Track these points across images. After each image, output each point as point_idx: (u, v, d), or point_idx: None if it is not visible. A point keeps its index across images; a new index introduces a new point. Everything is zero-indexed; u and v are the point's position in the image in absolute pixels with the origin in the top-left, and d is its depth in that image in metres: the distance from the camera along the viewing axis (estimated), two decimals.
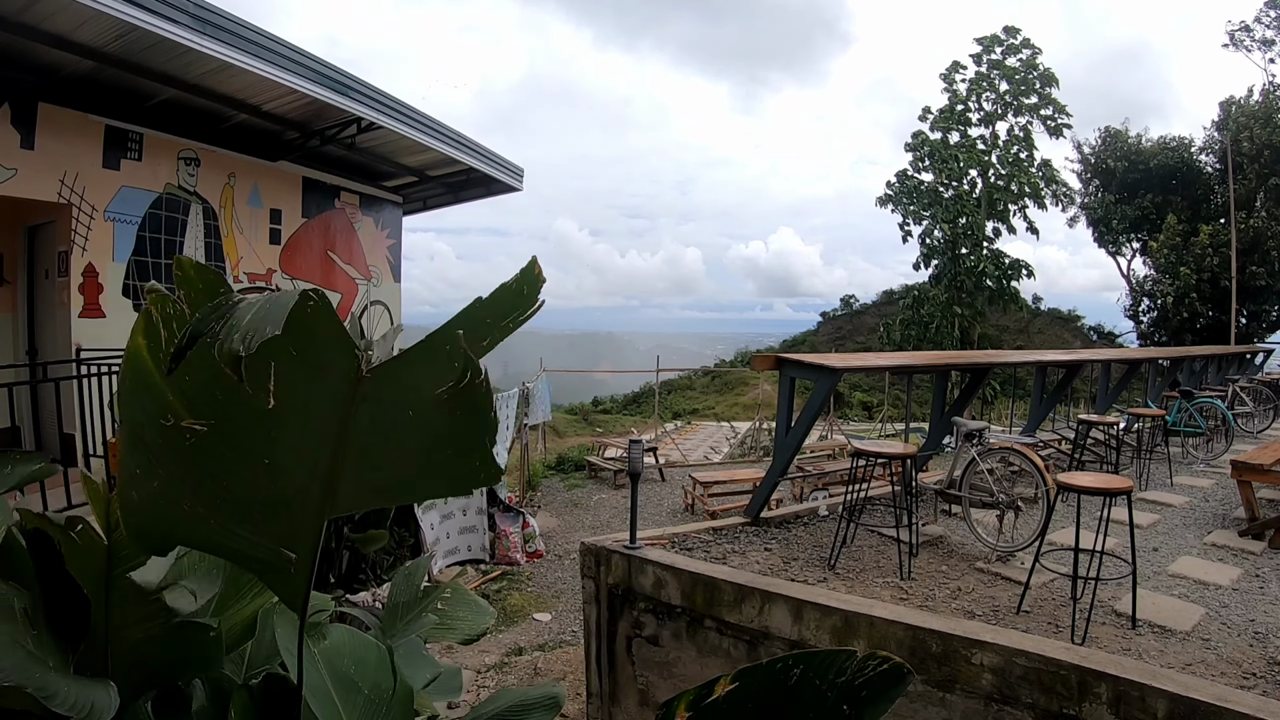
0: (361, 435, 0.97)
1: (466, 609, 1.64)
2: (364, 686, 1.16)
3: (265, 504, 1.03)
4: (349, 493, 1.04)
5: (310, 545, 1.07)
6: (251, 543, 1.05)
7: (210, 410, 0.94)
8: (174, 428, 0.95)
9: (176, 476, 1.00)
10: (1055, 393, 8.11)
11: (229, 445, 0.97)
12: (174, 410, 0.95)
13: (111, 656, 1.21)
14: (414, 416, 0.97)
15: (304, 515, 1.04)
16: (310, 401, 0.95)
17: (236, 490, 1.02)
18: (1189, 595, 4.02)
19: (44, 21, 5.32)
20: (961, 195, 23.70)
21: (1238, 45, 22.84)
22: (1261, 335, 21.68)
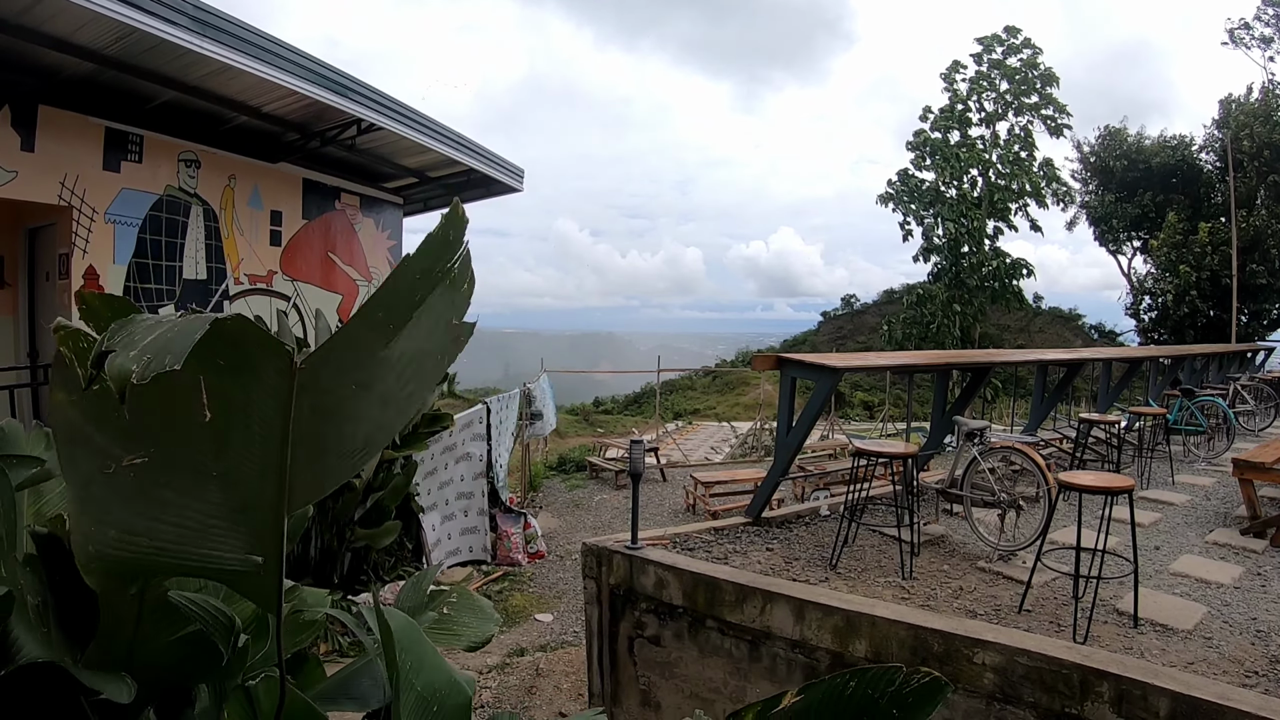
0: (304, 425, 0.97)
1: (472, 614, 1.64)
2: (418, 684, 1.16)
3: (222, 515, 1.02)
4: (302, 485, 1.04)
5: (275, 546, 1.06)
6: (216, 557, 1.04)
7: (147, 440, 0.93)
8: (116, 472, 0.93)
9: (129, 519, 0.99)
10: (1056, 392, 8.10)
11: (175, 469, 0.96)
12: (111, 454, 0.93)
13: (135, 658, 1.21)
14: (356, 390, 0.98)
15: (263, 518, 1.04)
16: (249, 406, 0.94)
17: (191, 512, 1.01)
18: (1191, 594, 4.02)
19: (44, 24, 5.33)
20: (963, 194, 23.70)
21: (1237, 43, 22.83)
22: (1262, 333, 21.65)
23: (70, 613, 1.22)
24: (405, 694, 1.13)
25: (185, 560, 1.05)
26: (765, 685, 3.67)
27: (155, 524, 1.00)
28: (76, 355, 0.90)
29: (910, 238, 24.78)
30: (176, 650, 1.25)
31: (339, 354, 0.96)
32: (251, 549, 1.05)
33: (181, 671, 1.28)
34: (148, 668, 1.22)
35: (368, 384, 0.99)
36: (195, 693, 1.31)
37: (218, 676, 1.28)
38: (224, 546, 1.04)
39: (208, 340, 0.81)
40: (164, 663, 1.25)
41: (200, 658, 1.26)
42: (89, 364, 0.84)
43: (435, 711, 1.15)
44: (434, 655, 1.21)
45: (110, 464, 0.94)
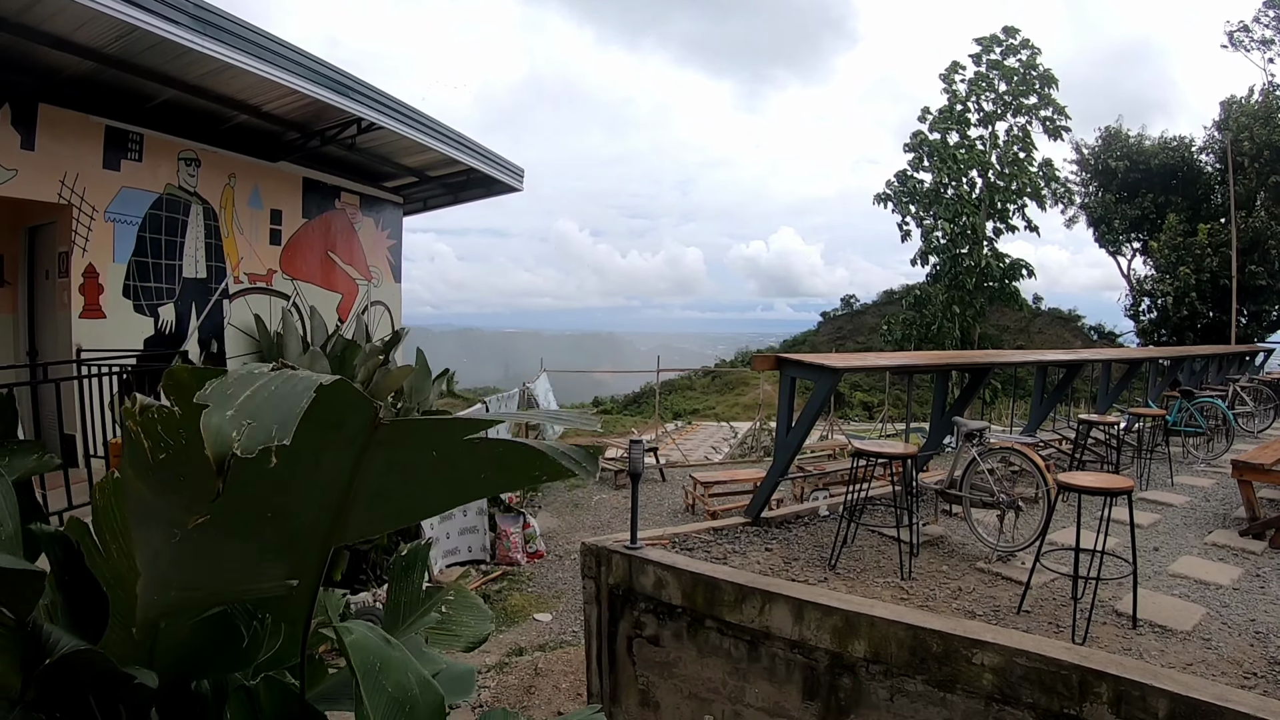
0: (377, 477, 0.97)
1: (469, 613, 1.64)
2: (387, 684, 1.17)
3: (272, 550, 1.02)
4: (359, 523, 1.04)
5: (315, 571, 1.07)
6: (260, 588, 1.06)
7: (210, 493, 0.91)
8: (181, 540, 0.93)
9: (192, 579, 1.00)
10: (1056, 392, 8.11)
11: (235, 521, 0.95)
12: (177, 521, 0.92)
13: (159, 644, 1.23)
14: (438, 458, 0.98)
15: (310, 548, 1.04)
16: (321, 454, 0.93)
17: (244, 551, 1.01)
18: (1190, 595, 4.02)
19: (44, 23, 5.33)
20: (962, 195, 23.68)
21: (1236, 45, 22.84)
22: (1262, 335, 21.66)
23: (79, 611, 1.23)
24: (375, 696, 1.14)
25: (232, 595, 1.08)
26: (764, 685, 3.67)
27: (213, 575, 1.02)
28: (145, 428, 0.87)
29: (909, 239, 24.79)
30: (199, 635, 1.26)
31: (427, 429, 0.97)
32: (292, 574, 1.05)
33: (201, 659, 1.30)
34: (169, 654, 1.23)
35: (450, 461, 0.99)
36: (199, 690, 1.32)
37: (239, 662, 1.29)
38: (268, 578, 1.04)
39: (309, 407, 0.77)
40: (184, 651, 1.26)
41: (220, 644, 1.28)
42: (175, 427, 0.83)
43: (409, 710, 1.16)
44: (401, 654, 1.22)
45: (176, 532, 0.92)
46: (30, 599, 1.08)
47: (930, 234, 24.15)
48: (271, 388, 0.76)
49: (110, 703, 1.19)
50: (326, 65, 6.99)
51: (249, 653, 1.29)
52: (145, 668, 1.19)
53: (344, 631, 1.19)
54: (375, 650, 1.20)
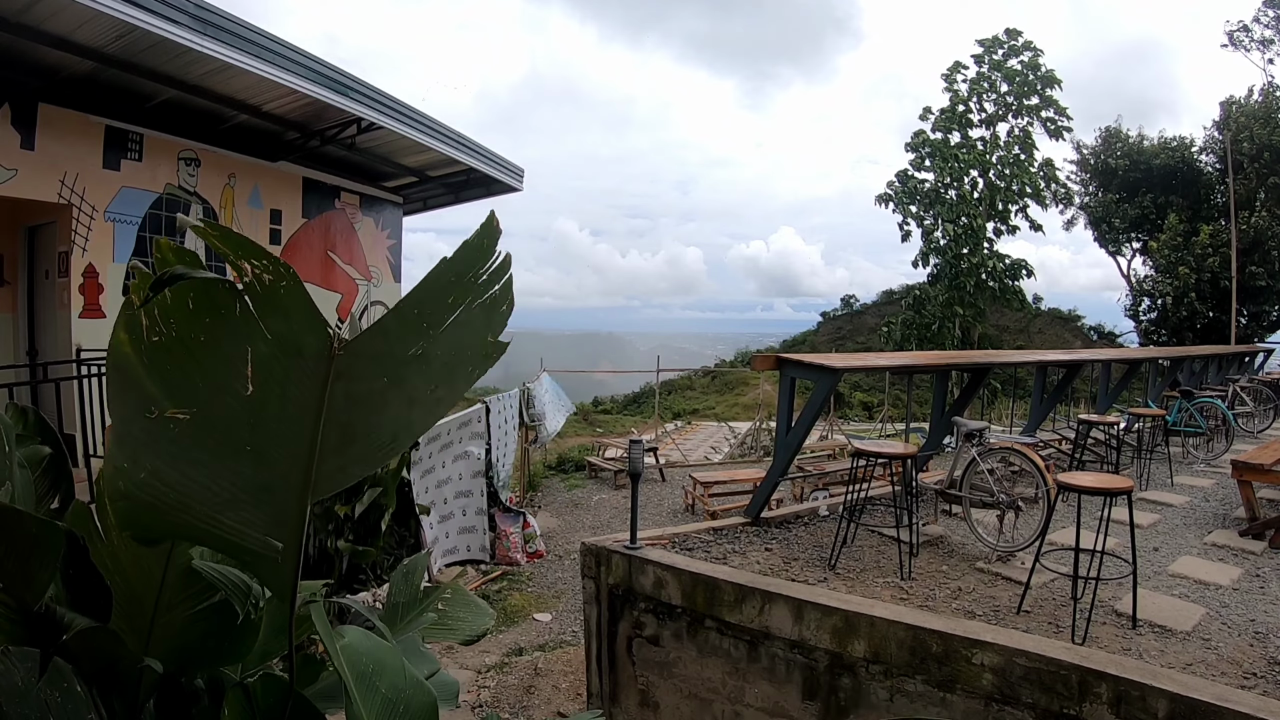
0: (337, 410, 0.99)
1: (466, 610, 1.65)
2: (381, 686, 1.17)
3: (248, 491, 1.04)
4: (327, 473, 1.06)
5: (295, 533, 1.08)
6: (237, 531, 1.07)
7: (192, 399, 0.96)
8: (158, 419, 0.96)
9: (162, 468, 1.02)
10: (1055, 393, 8.11)
11: (212, 434, 0.99)
12: (157, 402, 0.96)
13: (154, 636, 1.24)
14: (387, 384, 1.00)
15: (287, 501, 1.06)
16: (287, 385, 0.96)
17: (220, 479, 1.03)
18: (1189, 595, 4.02)
19: (44, 22, 5.32)
20: (963, 195, 23.69)
21: (1236, 45, 22.85)
22: (1261, 335, 21.66)
23: (83, 604, 1.24)
24: (370, 697, 1.15)
25: (209, 527, 1.07)
26: (764, 685, 3.67)
27: (185, 478, 1.03)
28: (146, 310, 0.94)
29: (909, 239, 24.80)
30: (195, 626, 1.27)
31: (374, 345, 0.98)
32: (271, 532, 1.07)
33: (201, 646, 1.31)
34: (166, 644, 1.24)
35: (399, 380, 1.02)
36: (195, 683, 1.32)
37: (233, 654, 1.30)
38: (247, 523, 1.06)
39: (260, 298, 0.87)
40: (184, 638, 1.27)
41: (219, 632, 1.29)
42: (161, 275, 0.92)
43: (402, 711, 1.17)
44: (394, 657, 1.23)
45: (154, 409, 0.96)
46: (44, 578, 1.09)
47: (931, 234, 24.17)
48: None
49: (110, 696, 1.19)
50: (326, 65, 6.99)
51: (244, 641, 1.29)
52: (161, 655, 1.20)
53: (335, 636, 1.19)
54: (369, 653, 1.21)
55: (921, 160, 24.51)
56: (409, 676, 1.21)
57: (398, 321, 0.98)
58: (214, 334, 0.94)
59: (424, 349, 0.99)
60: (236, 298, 0.93)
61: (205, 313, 0.94)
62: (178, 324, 0.93)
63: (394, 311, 0.97)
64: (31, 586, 1.08)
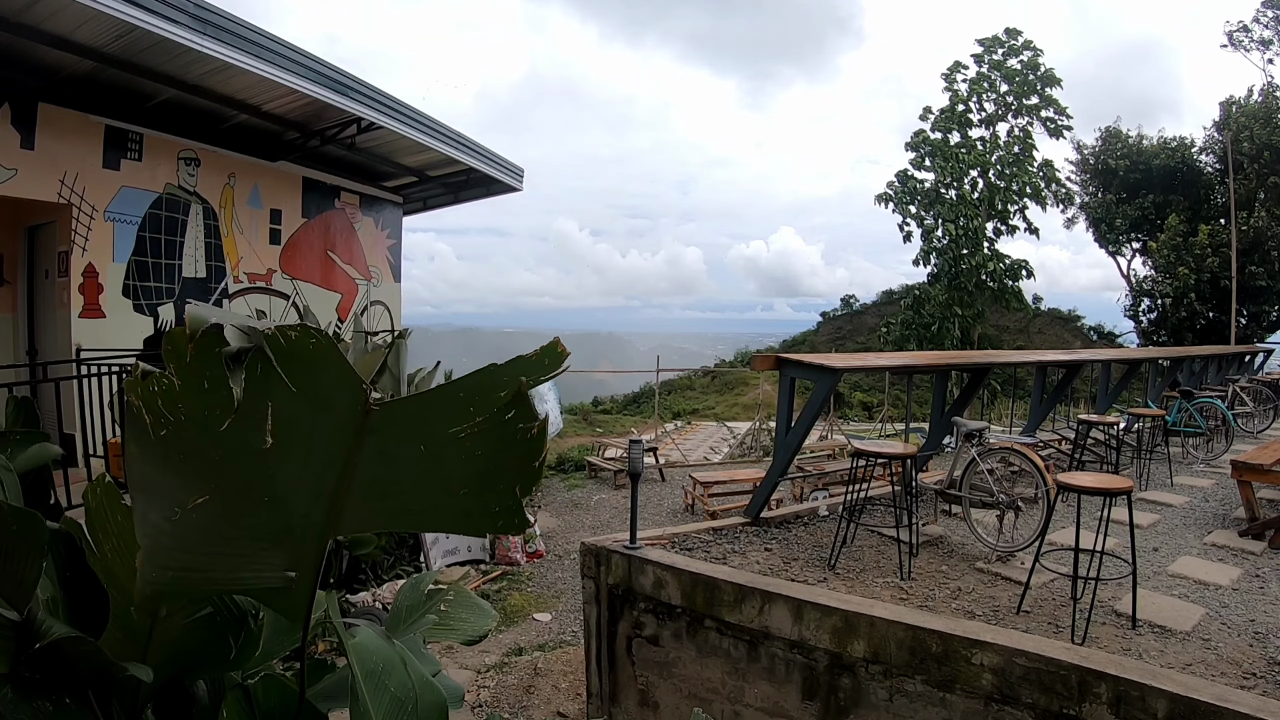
0: (369, 466, 0.97)
1: (469, 611, 1.65)
2: (390, 685, 1.17)
3: (267, 537, 1.03)
4: (355, 516, 1.04)
5: (312, 565, 1.07)
6: (257, 578, 1.06)
7: (211, 473, 0.94)
8: (181, 518, 0.95)
9: (190, 560, 1.01)
10: (1055, 393, 8.11)
11: (231, 498, 0.97)
12: (177, 500, 0.94)
13: (153, 644, 1.23)
14: (426, 452, 0.96)
15: (306, 540, 1.04)
16: (313, 436, 0.94)
17: (240, 537, 1.02)
18: (1189, 595, 4.02)
19: (44, 22, 5.32)
20: (963, 195, 23.68)
21: (1236, 46, 22.84)
22: (1261, 335, 21.66)
23: (80, 607, 1.23)
24: (379, 696, 1.14)
25: (229, 584, 1.08)
26: (763, 685, 3.67)
27: (210, 558, 1.02)
28: (146, 402, 0.89)
29: (910, 239, 24.79)
30: (191, 635, 1.27)
31: (412, 409, 0.95)
32: (289, 567, 1.05)
33: (197, 657, 1.30)
34: (164, 651, 1.24)
35: (436, 455, 0.97)
36: (194, 688, 1.32)
37: (230, 663, 1.30)
38: (266, 567, 1.05)
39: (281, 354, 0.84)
40: (183, 645, 1.27)
41: (214, 643, 1.28)
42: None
43: (410, 711, 1.17)
44: (405, 655, 1.23)
45: (177, 510, 0.95)
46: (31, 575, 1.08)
47: (931, 234, 24.16)
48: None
49: (108, 700, 1.19)
50: (326, 65, 6.99)
51: (243, 653, 1.29)
52: (141, 664, 1.19)
53: (347, 635, 1.19)
54: (379, 651, 1.20)
55: (921, 160, 24.50)
56: (419, 676, 1.21)
57: (440, 396, 0.94)
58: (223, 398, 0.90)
59: (466, 433, 0.94)
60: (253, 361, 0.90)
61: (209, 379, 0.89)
62: (185, 405, 0.89)
63: (440, 388, 0.94)
64: (21, 586, 1.07)
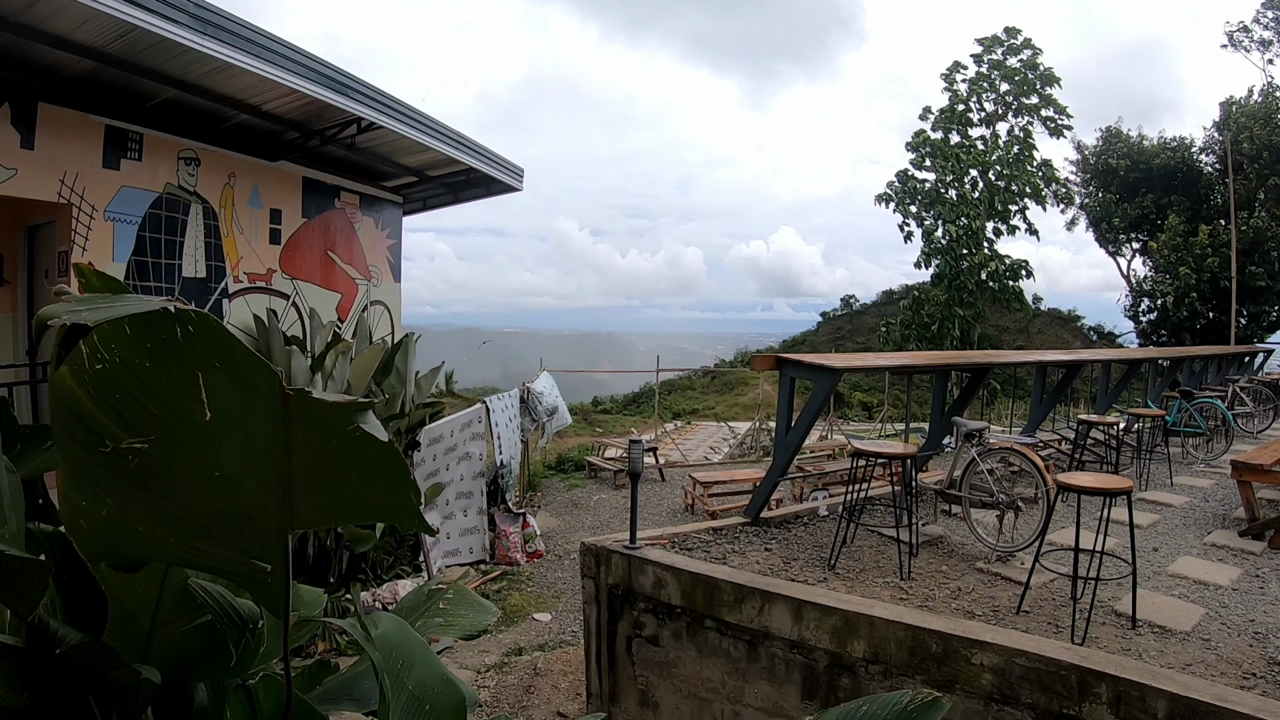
0: (301, 454, 0.98)
1: (469, 608, 1.66)
2: (409, 682, 1.17)
3: (225, 518, 1.03)
4: (307, 509, 1.05)
5: (280, 556, 1.08)
6: (221, 556, 1.06)
7: (148, 427, 0.94)
8: (114, 452, 0.94)
9: (126, 500, 1.00)
10: (1055, 393, 8.11)
11: (175, 461, 0.97)
12: (111, 434, 0.93)
13: (152, 649, 1.24)
14: (337, 446, 0.98)
15: (267, 528, 1.05)
16: (244, 417, 0.95)
17: (191, 506, 1.02)
18: (1189, 595, 4.03)
19: (44, 22, 5.32)
20: (963, 195, 23.68)
21: (1236, 46, 22.85)
22: (1261, 336, 21.67)
23: (78, 611, 1.23)
24: (397, 694, 1.14)
25: (184, 551, 1.06)
26: (763, 685, 3.67)
27: (154, 508, 1.01)
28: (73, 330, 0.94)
29: (911, 239, 24.79)
30: (192, 640, 1.27)
31: (324, 409, 0.95)
32: (257, 555, 1.06)
33: (196, 661, 1.30)
34: (164, 656, 1.23)
35: (345, 449, 0.98)
36: (194, 691, 1.32)
37: (230, 669, 1.30)
38: (229, 548, 1.05)
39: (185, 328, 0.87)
40: (179, 653, 1.26)
41: (214, 648, 1.28)
42: (57, 341, 0.93)
43: (429, 710, 1.16)
44: (425, 652, 1.22)
45: (109, 443, 0.94)
46: (34, 597, 1.09)
47: (931, 234, 24.15)
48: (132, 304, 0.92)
49: (108, 703, 1.19)
50: (326, 64, 6.99)
51: (244, 659, 1.28)
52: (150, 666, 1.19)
53: (370, 624, 1.18)
54: (400, 647, 1.19)
55: (922, 160, 24.49)
56: (437, 673, 1.20)
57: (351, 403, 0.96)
58: (160, 360, 0.90)
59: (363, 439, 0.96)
60: (175, 324, 0.90)
61: (146, 338, 0.90)
62: (120, 351, 0.90)
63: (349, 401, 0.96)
64: (25, 600, 1.08)
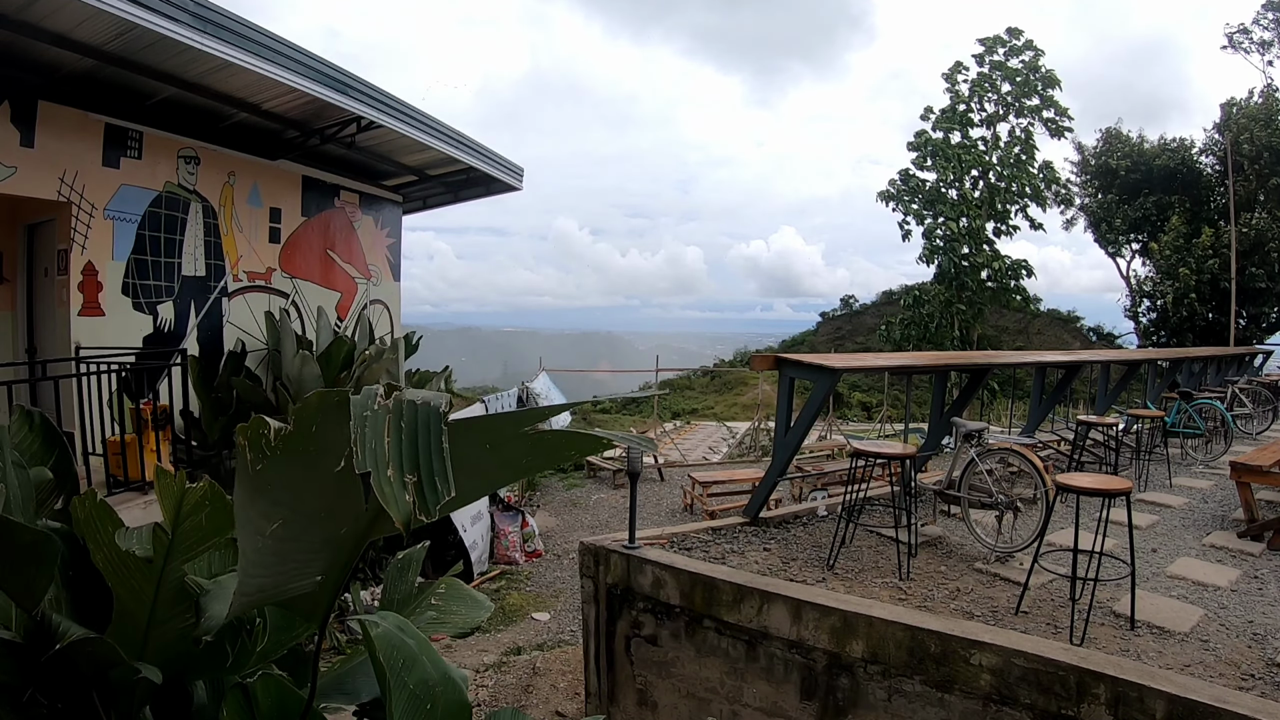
0: None
1: (462, 604, 1.64)
2: (410, 681, 1.16)
3: (314, 551, 1.07)
4: (386, 519, 1.07)
5: (343, 568, 1.10)
6: (299, 586, 1.10)
7: (286, 500, 1.00)
8: (263, 543, 1.02)
9: (266, 578, 1.07)
10: (1054, 393, 8.11)
11: (302, 517, 1.03)
12: (260, 527, 1.01)
13: (150, 645, 1.24)
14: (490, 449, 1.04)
15: (343, 549, 1.08)
16: None
17: (301, 552, 1.07)
18: (1188, 596, 4.03)
19: (44, 20, 5.32)
20: (964, 195, 23.69)
21: (1236, 47, 22.84)
22: (1260, 337, 21.67)
23: (84, 606, 1.23)
24: (398, 691, 1.13)
25: (282, 595, 1.12)
26: (762, 685, 3.67)
27: (279, 576, 1.07)
28: (251, 442, 0.97)
29: (910, 238, 24.79)
30: (186, 641, 1.26)
31: (483, 424, 1.02)
32: (323, 572, 1.09)
33: (193, 660, 1.30)
34: (160, 654, 1.23)
35: (498, 446, 1.04)
36: (192, 689, 1.32)
37: (227, 669, 1.29)
38: (309, 574, 1.09)
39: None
40: (181, 647, 1.27)
41: (211, 647, 1.28)
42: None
43: (430, 709, 1.15)
44: (428, 650, 1.21)
45: (259, 537, 1.01)
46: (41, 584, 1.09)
47: (932, 233, 24.17)
48: (403, 423, 0.86)
49: (110, 698, 1.19)
50: (326, 63, 6.99)
51: (241, 657, 1.28)
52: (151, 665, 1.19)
53: (370, 625, 1.18)
54: (401, 646, 1.19)
55: (923, 159, 24.50)
56: (438, 671, 1.20)
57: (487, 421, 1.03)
58: (325, 438, 0.96)
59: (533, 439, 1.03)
60: None
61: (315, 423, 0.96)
62: (284, 445, 0.96)
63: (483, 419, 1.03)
64: (30, 592, 1.08)
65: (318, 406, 0.96)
